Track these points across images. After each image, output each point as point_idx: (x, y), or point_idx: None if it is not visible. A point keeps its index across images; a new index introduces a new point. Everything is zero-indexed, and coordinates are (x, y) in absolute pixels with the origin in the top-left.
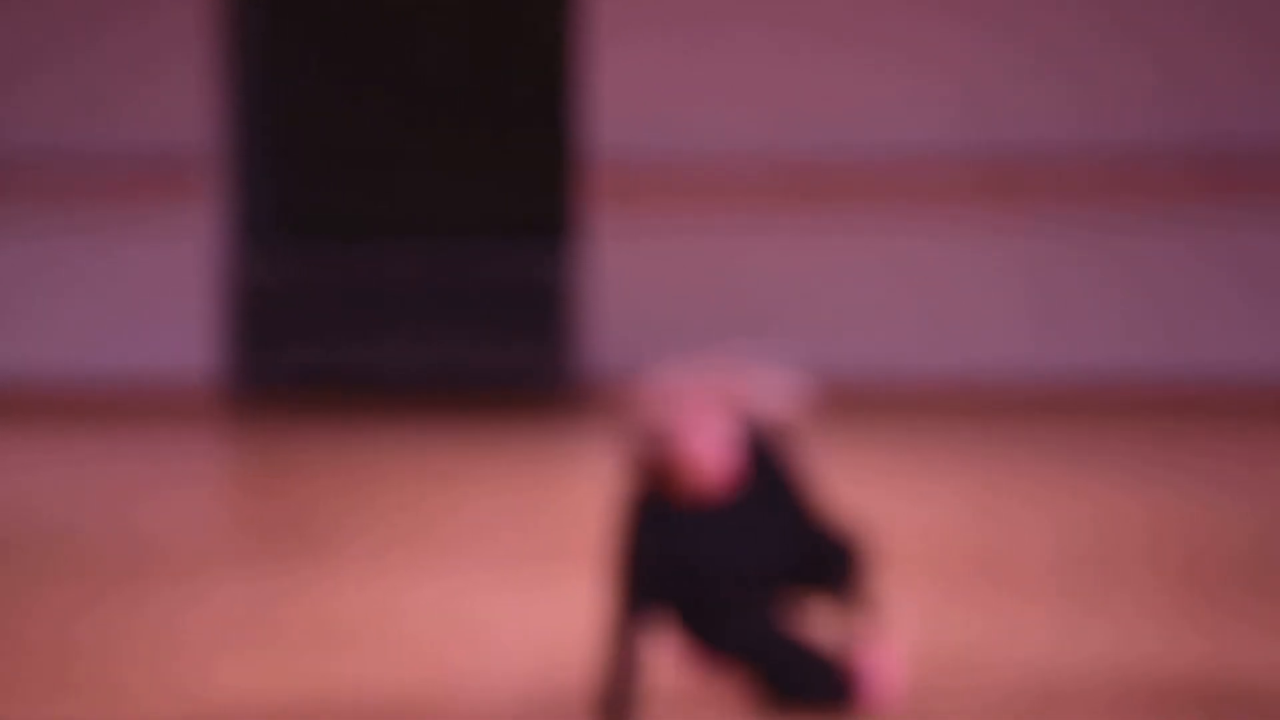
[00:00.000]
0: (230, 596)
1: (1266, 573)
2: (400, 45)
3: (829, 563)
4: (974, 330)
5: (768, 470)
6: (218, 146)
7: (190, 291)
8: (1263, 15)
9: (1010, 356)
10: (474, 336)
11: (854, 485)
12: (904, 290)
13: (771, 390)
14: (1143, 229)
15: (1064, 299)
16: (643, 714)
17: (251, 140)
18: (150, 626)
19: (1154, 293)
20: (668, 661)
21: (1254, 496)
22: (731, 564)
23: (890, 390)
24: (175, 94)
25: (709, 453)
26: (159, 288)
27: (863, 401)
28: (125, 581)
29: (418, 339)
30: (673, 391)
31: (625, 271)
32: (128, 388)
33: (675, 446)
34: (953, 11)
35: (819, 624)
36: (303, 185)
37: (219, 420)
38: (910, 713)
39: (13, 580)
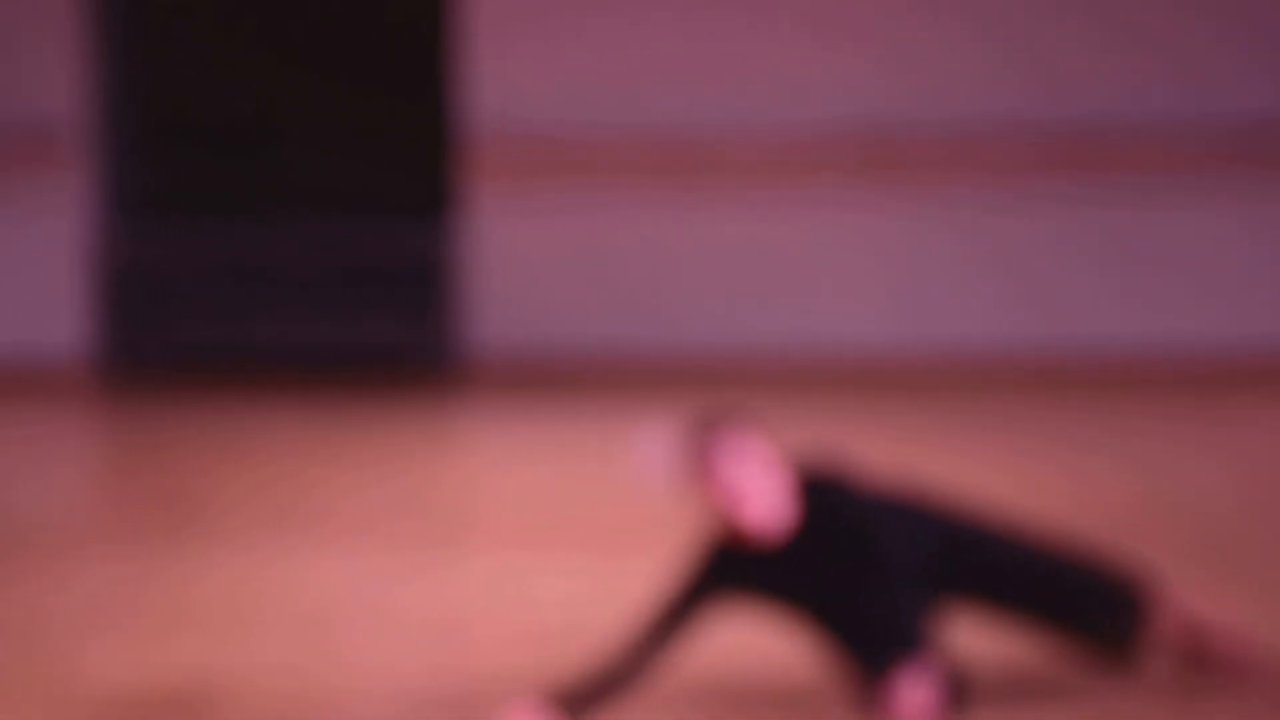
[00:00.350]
0: (102, 579)
1: (1148, 540)
2: (276, 18)
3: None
4: (844, 306)
5: (832, 505)
6: (87, 120)
7: (60, 269)
8: None
9: (876, 333)
10: (356, 314)
11: None
12: (782, 267)
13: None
14: (1005, 206)
15: (931, 275)
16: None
17: (122, 114)
18: (18, 610)
19: (1017, 269)
20: None
21: (1129, 464)
22: (828, 591)
23: (769, 366)
24: (42, 67)
25: (757, 485)
26: (27, 265)
27: (746, 377)
28: None
29: (298, 317)
30: (728, 444)
31: (508, 248)
32: None
33: (724, 479)
34: None
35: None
36: (176, 161)
37: (91, 400)
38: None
39: None
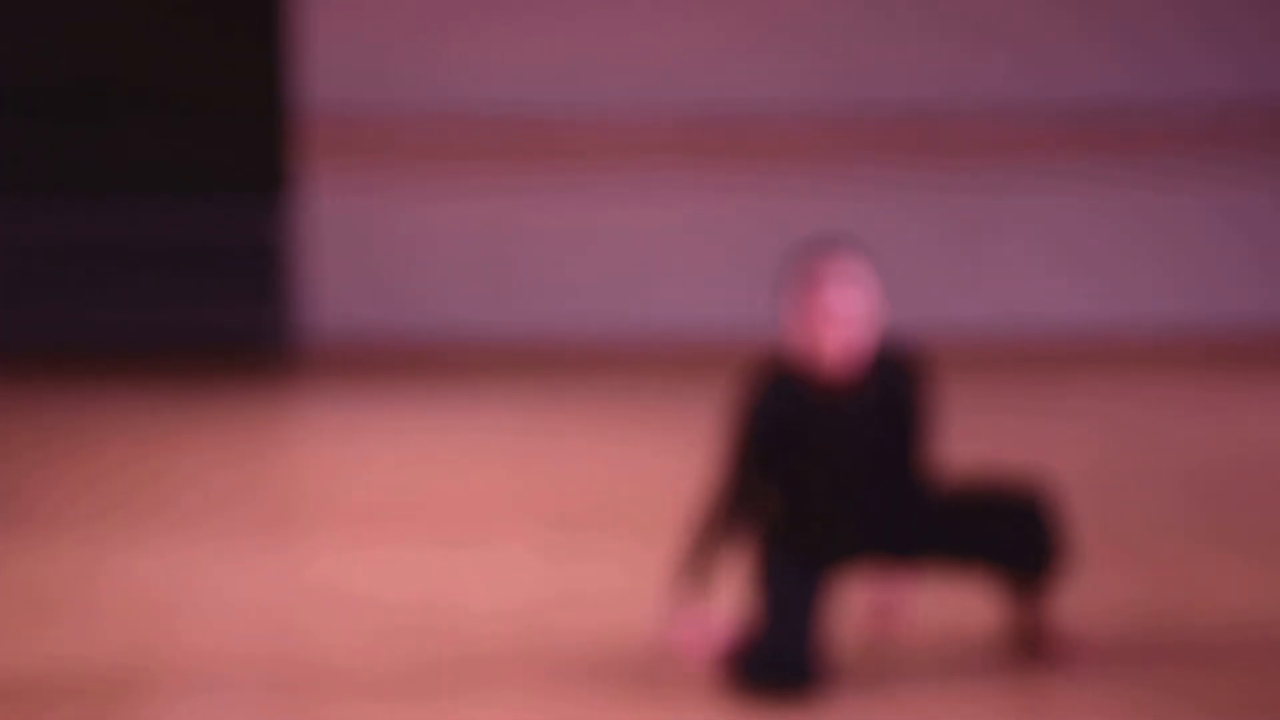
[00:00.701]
0: None
1: None
2: None
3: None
4: (684, 289)
5: (896, 386)
6: None
7: None
8: None
9: (719, 315)
10: (191, 296)
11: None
12: (619, 249)
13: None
14: (852, 191)
15: (774, 258)
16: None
17: None
18: None
19: (865, 252)
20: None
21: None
22: (848, 451)
23: (606, 348)
24: None
25: (850, 312)
26: None
27: (585, 359)
28: None
29: (130, 300)
30: (839, 264)
31: (346, 229)
32: None
33: (822, 294)
34: None
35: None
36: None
37: None
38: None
39: None
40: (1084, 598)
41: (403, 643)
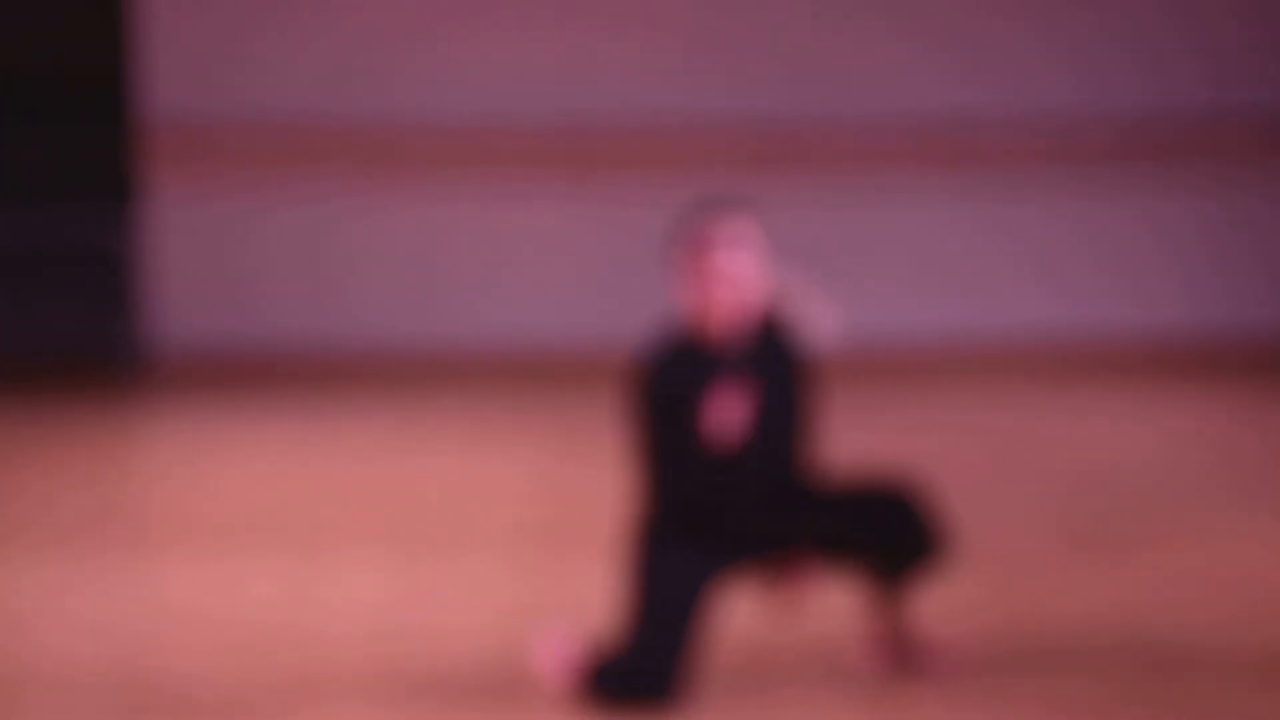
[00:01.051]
0: None
1: None
2: None
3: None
4: (535, 299)
5: (782, 355)
6: None
7: None
8: None
9: (570, 325)
10: (35, 307)
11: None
12: (470, 259)
13: (815, 314)
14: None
15: (624, 268)
16: None
17: None
18: None
19: None
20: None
21: None
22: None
23: (460, 358)
24: None
25: (740, 269)
26: None
27: (437, 370)
28: None
29: None
30: (729, 224)
31: (192, 239)
32: None
33: (712, 255)
34: None
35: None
36: None
37: None
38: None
39: None
40: (938, 601)
41: (255, 660)
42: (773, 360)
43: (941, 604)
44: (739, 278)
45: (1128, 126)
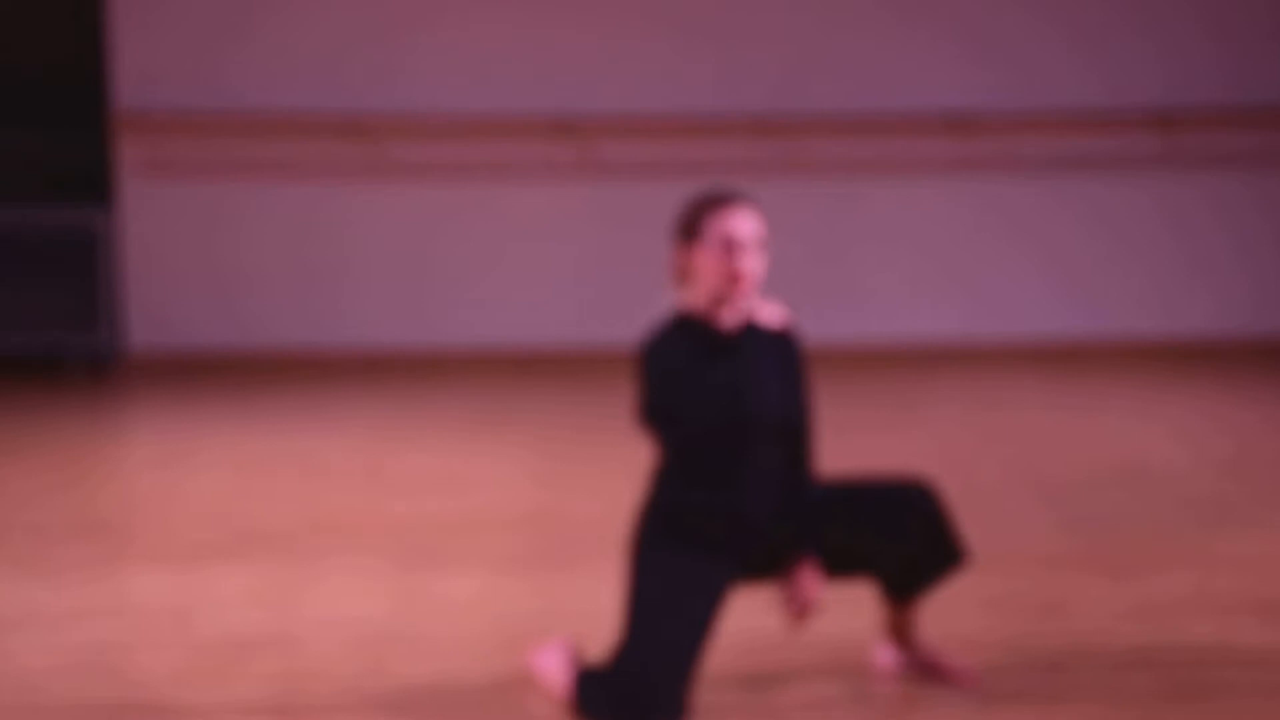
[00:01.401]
0: None
1: None
2: None
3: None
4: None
5: (783, 341)
6: None
7: None
8: None
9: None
10: (5, 306)
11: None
12: (446, 258)
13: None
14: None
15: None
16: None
17: None
18: None
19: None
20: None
21: None
22: (748, 400)
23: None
24: None
25: (759, 271)
26: None
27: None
28: None
29: None
30: (749, 222)
31: (158, 236)
32: None
33: (739, 253)
34: None
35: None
36: None
37: None
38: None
39: None
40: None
41: (237, 671)
42: (775, 349)
43: (950, 606)
44: (758, 279)
45: (1142, 120)
